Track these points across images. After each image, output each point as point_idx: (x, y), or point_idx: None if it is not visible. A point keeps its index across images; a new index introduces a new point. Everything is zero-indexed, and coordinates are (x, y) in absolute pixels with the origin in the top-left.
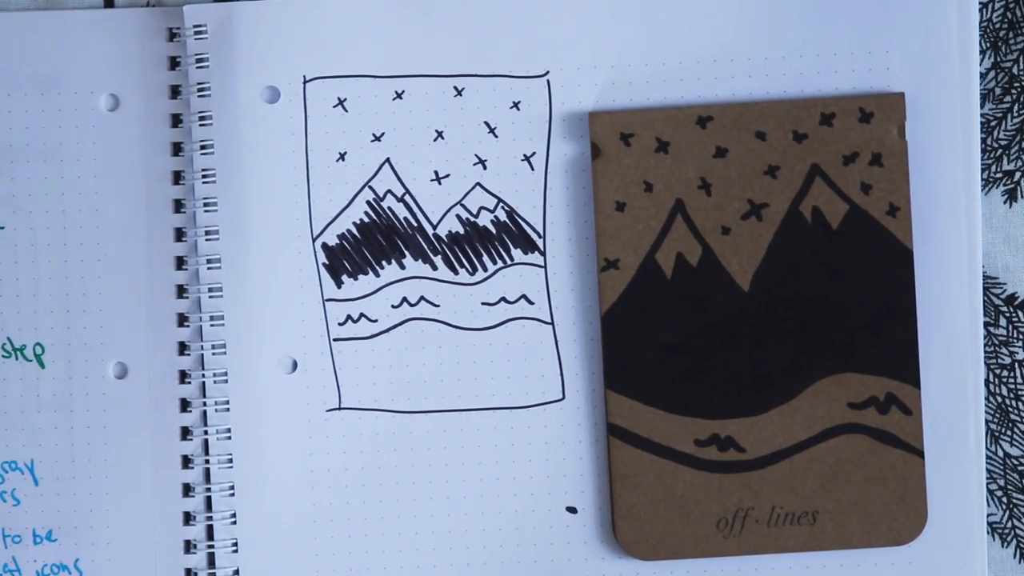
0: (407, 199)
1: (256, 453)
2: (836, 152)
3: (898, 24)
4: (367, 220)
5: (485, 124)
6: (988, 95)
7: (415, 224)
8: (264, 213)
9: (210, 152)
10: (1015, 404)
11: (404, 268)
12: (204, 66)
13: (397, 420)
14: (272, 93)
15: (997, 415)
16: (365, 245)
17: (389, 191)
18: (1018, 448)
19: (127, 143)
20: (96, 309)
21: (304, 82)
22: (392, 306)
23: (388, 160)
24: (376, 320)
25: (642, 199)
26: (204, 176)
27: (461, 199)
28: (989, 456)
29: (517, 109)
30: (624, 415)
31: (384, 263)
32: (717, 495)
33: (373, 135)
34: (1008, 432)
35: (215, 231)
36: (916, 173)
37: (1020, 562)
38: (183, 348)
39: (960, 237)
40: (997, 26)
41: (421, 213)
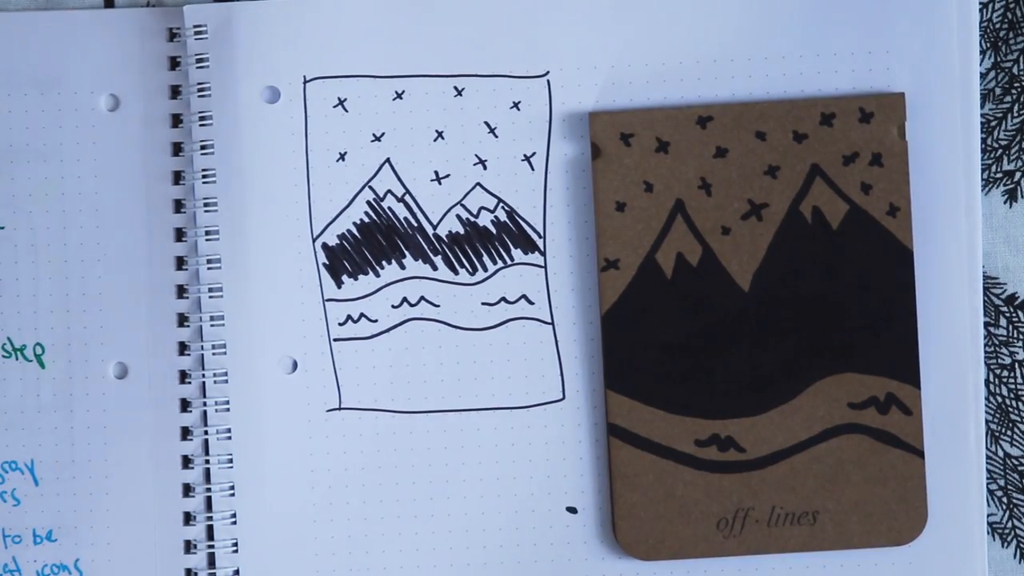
0: (407, 199)
1: (256, 453)
2: (836, 152)
3: (898, 24)
4: (367, 220)
5: (485, 124)
6: (988, 95)
7: (415, 224)
8: (264, 213)
9: (210, 152)
10: (1015, 404)
11: (404, 268)
12: (204, 66)
13: (397, 420)
14: (272, 93)
15: (997, 415)
16: (365, 245)
17: (389, 191)
18: (1018, 448)
19: (127, 143)
20: (96, 309)
21: (304, 82)
22: (392, 306)
23: (388, 160)
24: (376, 320)
25: (642, 199)
26: (204, 176)
27: (461, 199)
28: (989, 456)
29: (517, 109)
30: (624, 415)
31: (384, 263)
32: (717, 495)
33: (373, 135)
34: (1008, 432)
35: (215, 231)
36: (916, 173)
37: (1020, 562)
38: (183, 348)
39: (960, 237)
40: (997, 26)
41: (421, 213)
